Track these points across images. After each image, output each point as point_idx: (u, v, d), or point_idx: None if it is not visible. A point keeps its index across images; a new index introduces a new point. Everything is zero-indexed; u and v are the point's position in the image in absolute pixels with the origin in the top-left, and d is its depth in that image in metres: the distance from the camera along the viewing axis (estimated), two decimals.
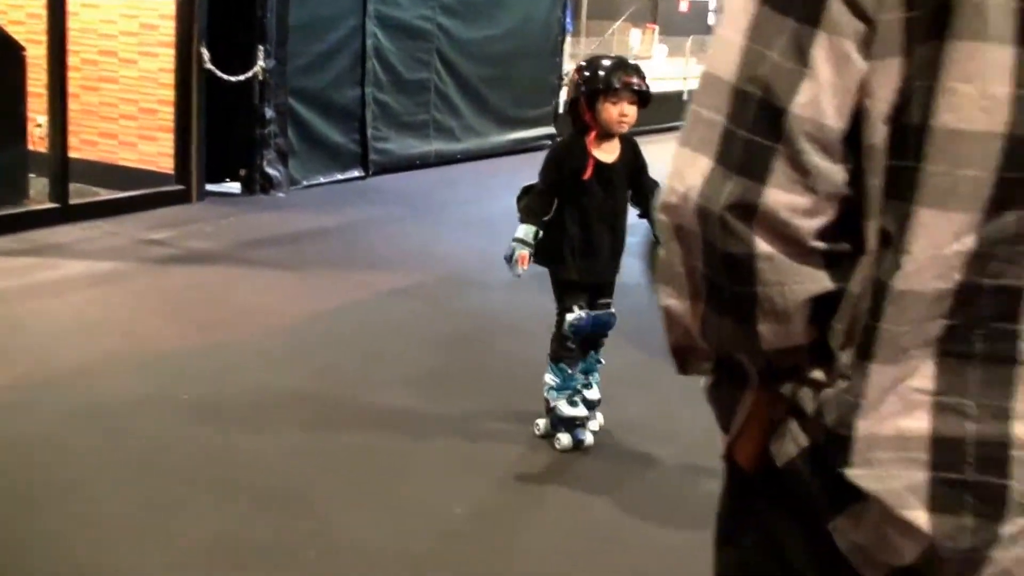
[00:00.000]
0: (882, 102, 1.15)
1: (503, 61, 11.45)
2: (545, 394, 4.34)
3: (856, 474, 1.20)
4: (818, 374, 1.24)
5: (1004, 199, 1.14)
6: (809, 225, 1.18)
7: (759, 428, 1.32)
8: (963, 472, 1.18)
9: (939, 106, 1.12)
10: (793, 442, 1.27)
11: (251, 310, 5.94)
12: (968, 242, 1.15)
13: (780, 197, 1.17)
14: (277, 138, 8.98)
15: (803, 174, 1.16)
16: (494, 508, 3.87)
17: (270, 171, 8.95)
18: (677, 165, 1.25)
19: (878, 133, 1.16)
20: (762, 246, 1.18)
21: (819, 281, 1.21)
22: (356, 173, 9.86)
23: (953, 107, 1.12)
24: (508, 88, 11.65)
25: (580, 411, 4.31)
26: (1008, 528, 1.18)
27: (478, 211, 8.62)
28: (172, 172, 8.51)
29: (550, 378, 4.34)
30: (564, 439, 4.29)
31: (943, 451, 1.18)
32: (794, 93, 1.15)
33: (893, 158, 1.16)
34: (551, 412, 4.33)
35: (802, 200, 1.17)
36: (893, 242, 1.16)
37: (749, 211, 1.18)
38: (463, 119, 11.12)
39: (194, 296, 6.18)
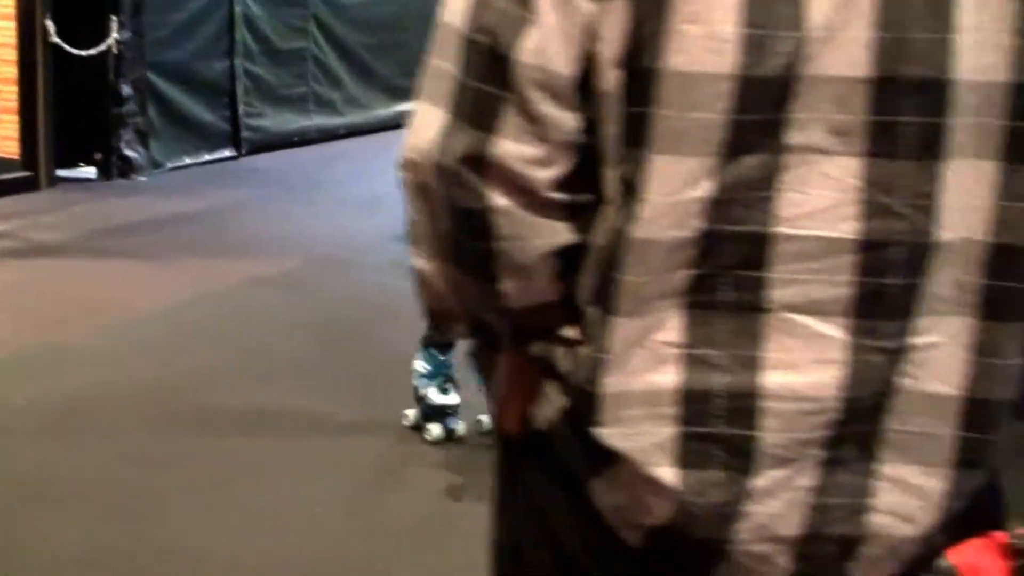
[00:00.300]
0: (611, 46, 1.19)
1: (388, 26, 11.37)
2: (414, 382, 4.36)
3: (606, 433, 1.25)
4: (571, 332, 1.29)
5: (740, 143, 1.19)
6: (543, 175, 1.23)
7: (520, 391, 1.36)
8: (712, 425, 1.24)
9: (668, 49, 1.17)
10: (551, 404, 1.32)
11: (99, 305, 5.89)
12: (705, 188, 1.20)
13: (511, 147, 1.21)
14: (136, 117, 8.85)
15: (533, 123, 1.21)
16: (357, 506, 3.89)
17: (129, 153, 8.83)
18: (415, 120, 1.30)
19: (610, 78, 1.20)
20: (497, 199, 1.23)
21: (559, 234, 1.25)
22: (227, 153, 9.76)
23: (681, 49, 1.17)
24: (395, 56, 11.55)
25: (452, 399, 4.34)
26: (760, 481, 1.24)
27: (359, 190, 8.59)
28: (17, 157, 8.36)
29: (420, 365, 4.36)
30: (435, 429, 4.32)
31: (692, 405, 1.24)
32: (520, 40, 1.20)
33: (629, 104, 1.20)
34: (421, 401, 4.36)
35: (533, 150, 1.21)
36: (631, 190, 1.22)
37: (481, 163, 1.22)
38: (346, 91, 11.04)
39: (35, 292, 6.10)
